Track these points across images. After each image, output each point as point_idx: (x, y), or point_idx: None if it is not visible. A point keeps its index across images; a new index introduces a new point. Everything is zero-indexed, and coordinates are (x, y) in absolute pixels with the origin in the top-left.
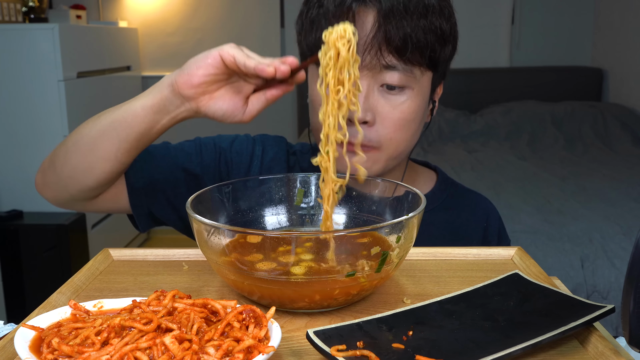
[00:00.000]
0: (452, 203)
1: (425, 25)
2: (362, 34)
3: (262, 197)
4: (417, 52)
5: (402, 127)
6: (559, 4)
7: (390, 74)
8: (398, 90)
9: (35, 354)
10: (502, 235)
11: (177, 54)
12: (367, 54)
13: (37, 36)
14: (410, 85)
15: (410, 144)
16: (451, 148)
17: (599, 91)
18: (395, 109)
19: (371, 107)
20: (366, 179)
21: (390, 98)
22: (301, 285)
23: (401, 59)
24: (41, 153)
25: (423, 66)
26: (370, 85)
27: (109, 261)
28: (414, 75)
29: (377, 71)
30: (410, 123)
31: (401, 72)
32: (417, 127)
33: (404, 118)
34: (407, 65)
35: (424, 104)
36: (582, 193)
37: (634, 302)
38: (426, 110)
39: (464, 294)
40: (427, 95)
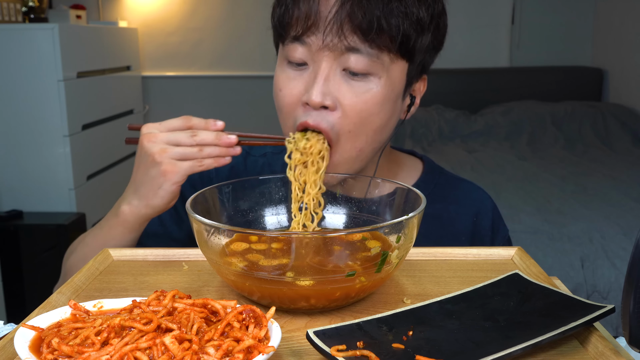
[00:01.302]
0: (441, 194)
1: (398, 8)
2: (325, 11)
3: (262, 197)
4: (385, 35)
5: (365, 119)
6: (559, 4)
7: (354, 57)
8: (362, 77)
9: (35, 354)
10: (496, 226)
11: (177, 54)
12: (329, 32)
13: (37, 36)
14: (376, 73)
15: (374, 142)
16: (451, 148)
17: (599, 91)
18: (358, 97)
19: (331, 91)
20: (365, 178)
21: (353, 84)
22: (301, 285)
23: (366, 41)
24: (41, 153)
25: (393, 52)
26: (331, 67)
27: (109, 261)
28: (381, 62)
29: (339, 52)
30: (374, 116)
31: (366, 56)
32: (384, 123)
33: (368, 109)
34: (372, 49)
35: (393, 95)
36: (582, 193)
37: (634, 302)
38: (398, 104)
39: (464, 294)
40: (398, 87)
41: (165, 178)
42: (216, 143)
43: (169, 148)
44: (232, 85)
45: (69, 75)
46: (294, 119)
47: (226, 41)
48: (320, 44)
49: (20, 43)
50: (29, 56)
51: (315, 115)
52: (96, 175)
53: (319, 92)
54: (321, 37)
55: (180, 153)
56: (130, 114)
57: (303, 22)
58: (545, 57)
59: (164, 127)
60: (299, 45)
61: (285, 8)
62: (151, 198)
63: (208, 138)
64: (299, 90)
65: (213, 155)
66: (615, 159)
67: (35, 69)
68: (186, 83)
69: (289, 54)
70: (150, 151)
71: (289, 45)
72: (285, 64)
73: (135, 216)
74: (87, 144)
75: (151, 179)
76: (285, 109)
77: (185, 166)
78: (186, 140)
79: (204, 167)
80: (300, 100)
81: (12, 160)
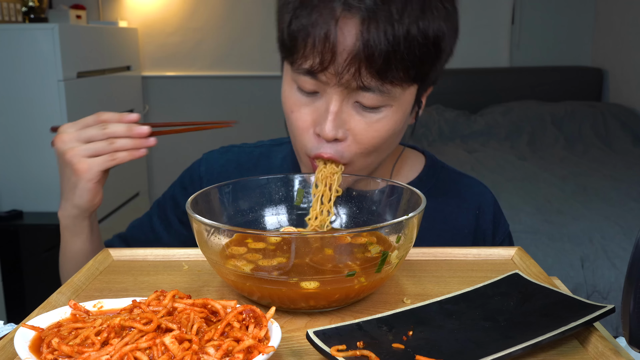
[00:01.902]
0: (442, 189)
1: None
2: (342, 48)
3: (262, 197)
4: (400, 71)
5: (376, 144)
6: (559, 4)
7: (365, 94)
8: (374, 109)
9: (35, 354)
10: (497, 220)
11: (177, 54)
12: (345, 72)
13: (37, 36)
14: (388, 104)
15: (386, 154)
16: (451, 148)
17: (599, 91)
18: (370, 127)
19: (343, 124)
20: (366, 178)
21: (365, 115)
22: (300, 285)
23: (380, 80)
24: (41, 153)
25: (406, 83)
26: (343, 101)
27: (109, 261)
28: (393, 95)
29: (352, 89)
30: (387, 140)
31: (378, 94)
32: (395, 139)
33: (380, 137)
34: (384, 87)
35: (404, 117)
36: (582, 193)
37: (634, 302)
38: (407, 119)
39: (464, 294)
40: (408, 108)
41: (78, 177)
42: (128, 135)
43: (78, 146)
44: (232, 85)
45: (69, 75)
46: (305, 143)
47: (226, 41)
48: (334, 82)
49: (20, 43)
50: (29, 56)
51: (327, 148)
52: None
53: (332, 127)
54: (336, 78)
55: (90, 149)
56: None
57: (319, 59)
58: (545, 57)
59: (77, 126)
60: (311, 78)
61: (302, 29)
62: (72, 198)
63: (119, 130)
64: (312, 117)
65: (126, 147)
66: (615, 159)
67: (35, 69)
68: (186, 83)
69: (300, 84)
70: (61, 151)
71: (300, 76)
72: (295, 87)
73: (68, 219)
74: None
75: (67, 179)
76: (297, 131)
77: (97, 162)
78: (97, 135)
79: (117, 161)
80: (311, 128)
81: (12, 160)
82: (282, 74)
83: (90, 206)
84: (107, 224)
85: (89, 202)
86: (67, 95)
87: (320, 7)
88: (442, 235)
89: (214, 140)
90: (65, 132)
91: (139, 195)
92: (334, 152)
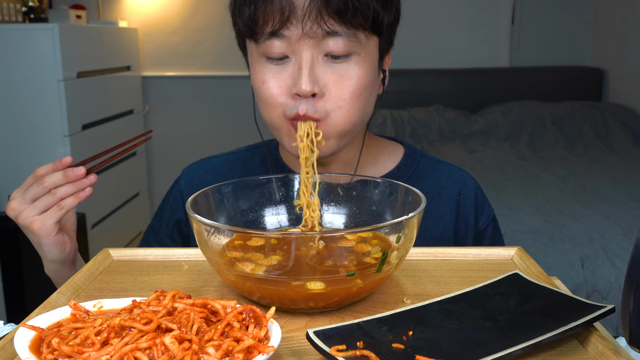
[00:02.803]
0: (422, 177)
1: None
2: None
3: (262, 197)
4: (359, 14)
5: (352, 95)
6: (559, 4)
7: (333, 40)
8: (344, 58)
9: (35, 354)
10: (480, 205)
11: (177, 54)
12: (307, 19)
13: (37, 36)
14: (356, 51)
15: (362, 115)
16: (451, 148)
17: (599, 91)
18: (343, 77)
19: (317, 79)
20: (365, 178)
21: (336, 67)
22: (301, 285)
23: (343, 23)
24: (41, 153)
25: (367, 30)
26: (314, 55)
27: (109, 261)
28: (359, 40)
29: (319, 39)
30: (361, 90)
31: (345, 37)
32: (368, 97)
33: (354, 85)
34: (350, 30)
35: (373, 70)
36: (582, 193)
37: (634, 302)
38: (377, 79)
39: (464, 294)
40: (375, 62)
41: (37, 235)
42: (66, 181)
43: (26, 208)
44: (232, 85)
45: (69, 75)
46: (281, 109)
47: (226, 41)
48: (299, 34)
49: (20, 43)
50: (29, 56)
51: (304, 104)
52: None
53: (307, 81)
54: (300, 27)
55: (37, 207)
56: (130, 114)
57: (279, 16)
58: (545, 57)
59: (22, 189)
60: (277, 40)
61: (255, 6)
62: (44, 254)
63: (57, 180)
64: (286, 82)
65: (69, 193)
66: (615, 159)
67: (35, 69)
68: (186, 83)
69: (267, 51)
70: (14, 218)
71: (265, 43)
72: (263, 60)
73: (52, 274)
74: (87, 144)
75: (32, 240)
76: (271, 100)
77: (48, 216)
78: (39, 191)
79: (66, 208)
80: (287, 92)
81: (12, 160)
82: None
83: (64, 257)
84: (107, 224)
85: (60, 255)
86: (67, 95)
87: None
88: (424, 223)
89: (213, 140)
90: (13, 199)
91: (139, 195)
92: (311, 108)
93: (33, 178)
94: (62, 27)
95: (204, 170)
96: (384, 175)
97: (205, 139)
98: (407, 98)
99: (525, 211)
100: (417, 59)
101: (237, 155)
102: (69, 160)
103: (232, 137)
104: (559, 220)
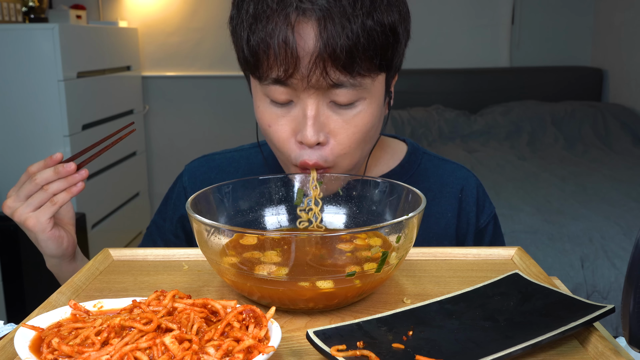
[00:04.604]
0: (424, 174)
1: (374, 27)
2: (305, 52)
3: (262, 197)
4: (366, 62)
5: (358, 140)
6: (559, 4)
7: (339, 91)
8: (350, 105)
9: (35, 354)
10: (482, 203)
11: (177, 54)
12: (312, 74)
13: (37, 36)
14: (362, 97)
15: (368, 149)
16: (451, 148)
17: (599, 91)
18: (349, 123)
19: (322, 126)
20: (366, 177)
21: (342, 113)
22: (300, 285)
23: (349, 74)
24: (41, 153)
25: (373, 72)
26: (319, 103)
27: (109, 261)
28: (365, 87)
29: (324, 89)
30: (367, 134)
31: (350, 88)
32: (375, 133)
33: (359, 131)
34: (356, 80)
35: (379, 108)
36: (582, 193)
37: (634, 302)
38: (382, 109)
39: (464, 294)
40: (381, 98)
41: (33, 231)
42: (57, 177)
43: (20, 205)
44: (232, 85)
45: (69, 75)
46: (288, 153)
47: (226, 41)
48: (304, 86)
49: (20, 43)
50: (29, 56)
51: (311, 153)
52: (96, 175)
53: (312, 131)
54: (305, 80)
55: (31, 204)
56: (130, 114)
57: (284, 66)
58: (545, 57)
59: (16, 187)
60: (281, 87)
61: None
62: (42, 249)
63: (48, 176)
64: (290, 127)
65: (61, 189)
66: (615, 159)
67: (35, 69)
68: (186, 83)
69: (272, 95)
70: (10, 216)
71: (270, 87)
72: (267, 101)
73: (53, 268)
74: (87, 144)
75: (29, 236)
76: (279, 144)
77: (42, 212)
78: (32, 188)
79: (59, 204)
80: (292, 136)
81: (12, 160)
82: (252, 93)
83: (62, 252)
84: (107, 224)
85: (57, 250)
86: (67, 95)
87: (274, 16)
88: (426, 220)
89: (213, 140)
90: (8, 197)
91: (139, 195)
92: (317, 157)
93: (26, 176)
94: (62, 27)
95: (208, 167)
96: (387, 173)
97: (205, 139)
98: (407, 98)
99: (525, 211)
100: (417, 59)
101: (241, 153)
102: (60, 156)
103: (232, 137)
104: (559, 220)
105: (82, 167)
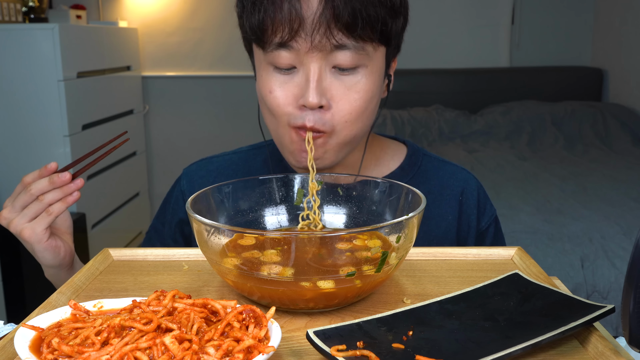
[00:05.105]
0: (425, 176)
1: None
2: (309, 12)
3: (262, 197)
4: (367, 27)
5: (359, 109)
6: (559, 4)
7: (341, 53)
8: (351, 71)
9: (35, 354)
10: (482, 205)
11: (177, 54)
12: (316, 33)
13: (37, 36)
14: (363, 64)
15: (366, 127)
16: (451, 148)
17: (599, 91)
18: (350, 89)
19: (324, 91)
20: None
21: (343, 79)
22: (301, 285)
23: (351, 36)
24: (41, 153)
25: (375, 42)
26: (321, 67)
27: (109, 261)
28: (367, 53)
29: (327, 52)
30: (367, 103)
31: (353, 50)
32: (374, 107)
33: (360, 98)
34: (358, 43)
35: (379, 81)
36: (582, 193)
37: (634, 302)
38: (382, 86)
39: (464, 294)
40: (382, 72)
41: (29, 242)
42: (52, 187)
43: (16, 216)
44: (232, 85)
45: (69, 75)
46: (287, 119)
47: (226, 41)
48: (308, 47)
49: (20, 43)
50: (29, 56)
51: (311, 116)
52: (96, 175)
53: (315, 93)
54: (309, 40)
55: (27, 214)
56: (130, 114)
57: (288, 27)
58: (545, 57)
59: (12, 198)
60: (285, 51)
61: (265, 12)
62: (39, 260)
63: (43, 186)
64: (293, 93)
65: (56, 199)
66: (615, 159)
67: (35, 69)
68: (186, 83)
69: (275, 61)
70: (6, 226)
71: (273, 52)
72: (271, 69)
73: (51, 277)
74: (87, 144)
75: (26, 246)
76: (277, 109)
77: (38, 223)
78: (27, 199)
79: (55, 214)
80: (294, 102)
81: (12, 160)
82: (255, 69)
83: (59, 262)
84: (107, 224)
85: (54, 260)
86: (67, 95)
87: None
88: (426, 223)
89: (213, 140)
90: (4, 208)
91: (139, 195)
92: (317, 120)
93: (21, 186)
94: (62, 27)
95: (206, 170)
96: (387, 175)
97: (205, 139)
98: (407, 98)
99: (525, 211)
100: (417, 59)
101: (239, 155)
102: (54, 166)
103: (232, 137)
104: (559, 220)
105: (77, 177)
